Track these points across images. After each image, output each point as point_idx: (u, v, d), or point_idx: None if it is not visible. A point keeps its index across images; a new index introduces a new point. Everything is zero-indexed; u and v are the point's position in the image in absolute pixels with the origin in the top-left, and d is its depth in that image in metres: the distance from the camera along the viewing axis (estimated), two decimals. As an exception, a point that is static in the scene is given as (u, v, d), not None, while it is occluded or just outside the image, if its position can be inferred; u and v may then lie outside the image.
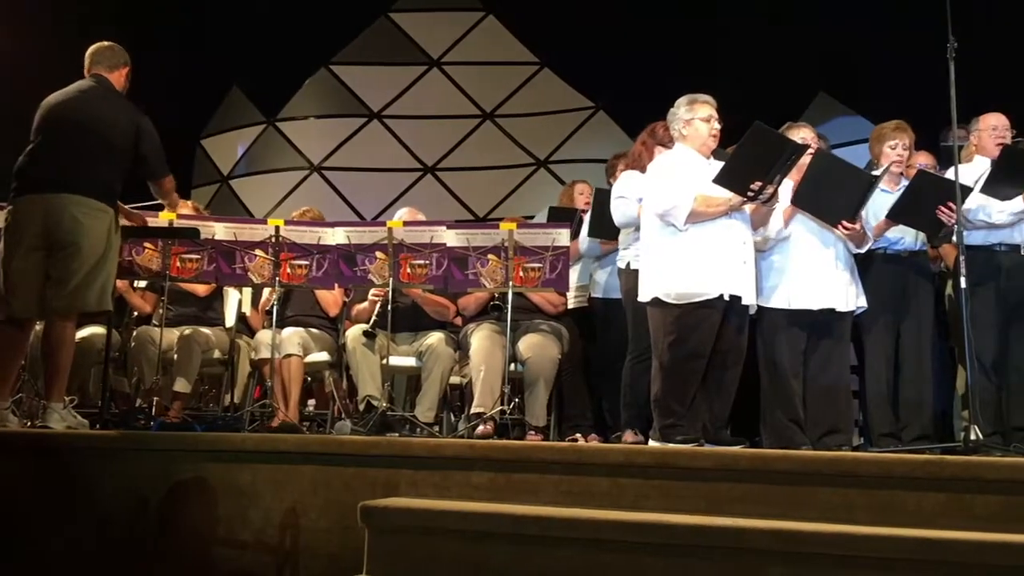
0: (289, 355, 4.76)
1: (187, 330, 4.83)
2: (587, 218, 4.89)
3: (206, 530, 3.39)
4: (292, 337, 4.82)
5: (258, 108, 9.67)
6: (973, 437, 3.55)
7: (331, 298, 5.09)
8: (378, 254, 4.56)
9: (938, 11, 3.88)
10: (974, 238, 4.17)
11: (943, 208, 4.04)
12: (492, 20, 9.64)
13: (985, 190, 4.12)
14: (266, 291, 5.05)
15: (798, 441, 4.01)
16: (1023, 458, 3.30)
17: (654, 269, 3.99)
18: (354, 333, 4.77)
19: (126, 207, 4.36)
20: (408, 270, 4.55)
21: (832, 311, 4.11)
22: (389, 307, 4.52)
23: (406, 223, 4.69)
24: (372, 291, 4.82)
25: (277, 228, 4.61)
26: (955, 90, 3.85)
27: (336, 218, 5.62)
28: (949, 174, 4.05)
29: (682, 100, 4.11)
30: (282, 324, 4.88)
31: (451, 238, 4.52)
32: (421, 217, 5.06)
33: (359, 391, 4.70)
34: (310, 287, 4.82)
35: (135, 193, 4.47)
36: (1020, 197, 4.06)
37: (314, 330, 4.99)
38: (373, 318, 4.77)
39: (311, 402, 5.79)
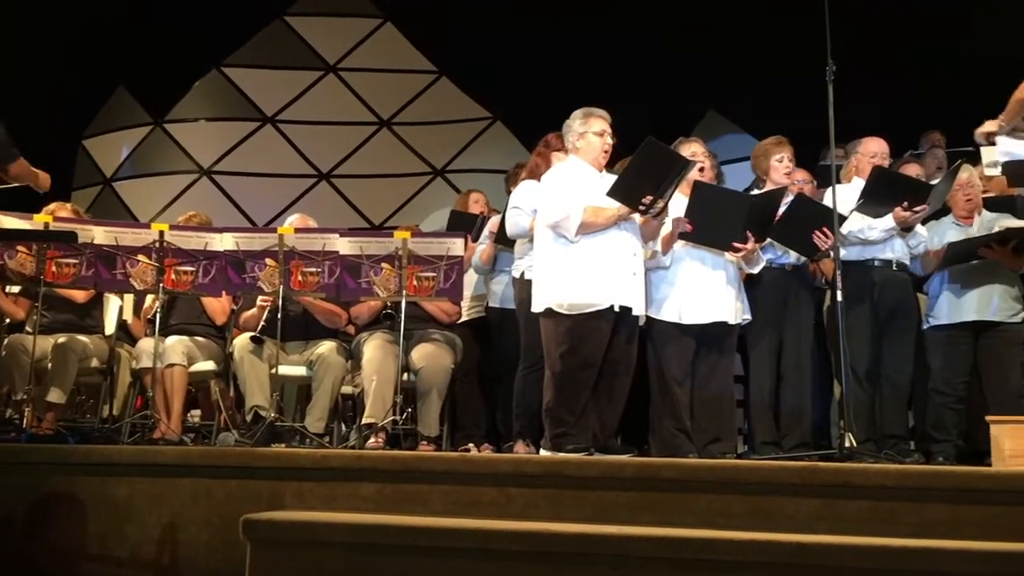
0: (172, 364, 4.61)
1: (62, 338, 4.61)
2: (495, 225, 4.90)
3: (77, 547, 3.25)
4: (176, 346, 4.66)
5: (145, 108, 9.35)
6: (848, 445, 3.69)
7: (218, 306, 4.94)
8: (268, 261, 4.48)
9: (820, 33, 4.05)
10: (850, 254, 4.35)
11: (818, 233, 4.20)
12: (390, 27, 9.59)
13: (859, 208, 4.31)
14: (149, 298, 4.87)
15: (685, 449, 4.10)
16: (892, 465, 3.47)
17: (546, 279, 4.02)
18: (242, 341, 4.65)
19: None
20: (299, 277, 4.48)
21: (722, 324, 4.23)
22: (279, 315, 4.43)
23: (297, 230, 4.62)
24: (260, 298, 4.71)
25: (161, 233, 4.46)
26: (833, 111, 4.02)
27: (227, 224, 5.48)
28: (828, 192, 4.22)
29: (577, 113, 4.16)
30: (165, 332, 4.72)
31: (344, 246, 4.48)
32: (312, 224, 4.98)
33: (246, 401, 4.59)
34: (196, 294, 4.68)
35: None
36: (890, 215, 4.26)
37: (199, 338, 4.84)
38: (261, 324, 4.66)
39: (194, 412, 5.61)
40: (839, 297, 3.97)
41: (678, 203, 4.18)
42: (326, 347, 4.70)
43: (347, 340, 4.90)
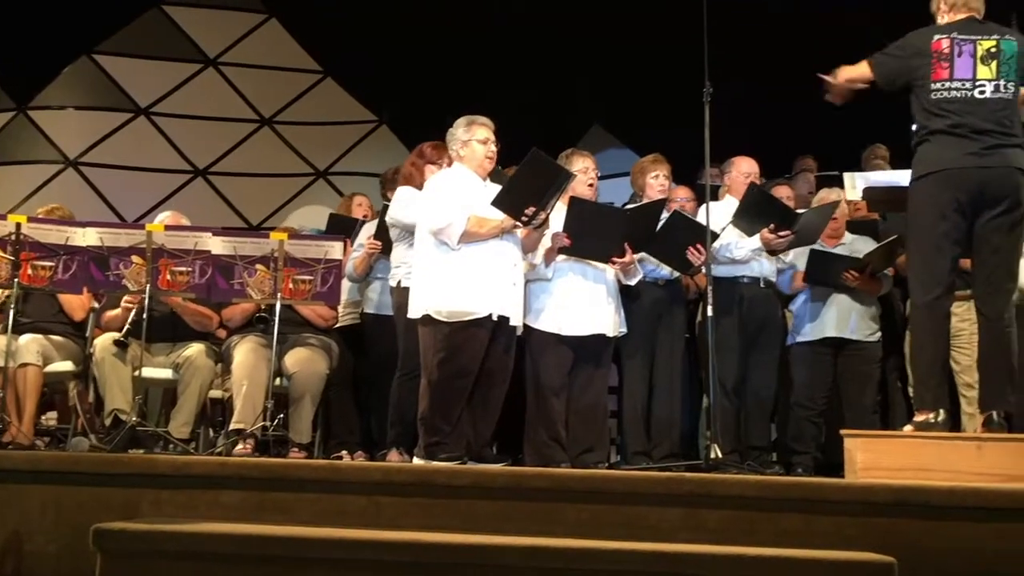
0: (25, 364, 4.37)
1: (-98, 333, 4.31)
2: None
3: (-92, 559, 3.01)
4: (30, 344, 4.42)
5: (7, 93, 8.82)
6: (713, 455, 3.81)
7: (76, 302, 4.71)
8: (135, 258, 4.29)
9: (699, 56, 4.17)
10: (721, 270, 4.48)
11: (692, 249, 4.33)
12: (275, 24, 9.35)
13: (734, 222, 4.46)
14: (1, 293, 4.59)
15: (558, 459, 4.14)
16: (753, 475, 3.58)
17: (426, 285, 4.00)
18: (103, 342, 4.45)
19: None
20: (168, 277, 4.32)
21: (600, 336, 4.28)
22: (145, 315, 4.25)
23: (167, 227, 4.45)
24: (125, 298, 4.50)
25: (18, 225, 4.23)
26: (709, 131, 4.14)
27: (94, 218, 5.24)
28: (703, 209, 4.35)
29: (461, 121, 4.16)
30: (19, 330, 4.46)
31: (217, 245, 4.34)
32: (185, 222, 4.82)
33: (106, 404, 4.39)
34: (54, 290, 4.44)
35: None
36: (757, 236, 4.42)
37: (56, 337, 4.60)
38: (126, 327, 4.46)
39: (50, 415, 5.32)
40: (709, 312, 4.09)
41: (561, 214, 4.22)
42: (194, 349, 4.54)
43: (218, 343, 4.75)
